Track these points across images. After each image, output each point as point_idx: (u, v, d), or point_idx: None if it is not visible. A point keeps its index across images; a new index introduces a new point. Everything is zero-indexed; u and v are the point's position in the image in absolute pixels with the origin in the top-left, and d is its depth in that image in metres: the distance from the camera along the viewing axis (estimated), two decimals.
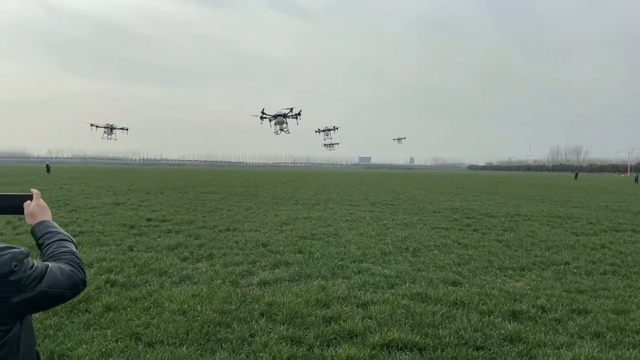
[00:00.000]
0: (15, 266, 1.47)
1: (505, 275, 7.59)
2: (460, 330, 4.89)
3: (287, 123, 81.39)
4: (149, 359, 4.07)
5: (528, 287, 6.81)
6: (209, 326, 4.89)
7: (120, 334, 4.64)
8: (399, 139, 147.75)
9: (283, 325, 5.01)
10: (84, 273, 1.70)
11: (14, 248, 1.53)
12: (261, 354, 4.26)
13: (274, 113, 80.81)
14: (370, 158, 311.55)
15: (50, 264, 1.60)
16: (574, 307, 5.82)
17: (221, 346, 4.49)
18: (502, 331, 4.92)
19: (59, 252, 1.70)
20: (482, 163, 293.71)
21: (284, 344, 4.50)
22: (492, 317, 5.37)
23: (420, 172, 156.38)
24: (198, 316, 5.16)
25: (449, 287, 6.61)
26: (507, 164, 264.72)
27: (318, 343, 4.55)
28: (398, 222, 13.82)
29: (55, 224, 1.82)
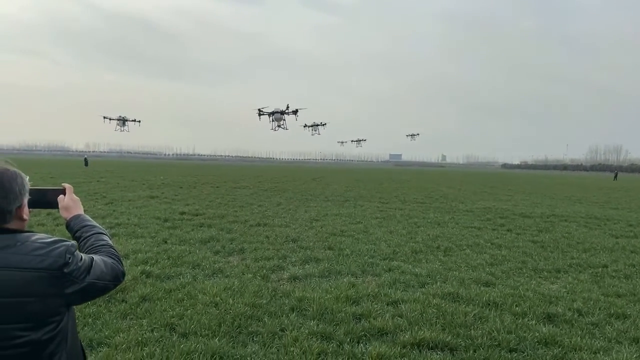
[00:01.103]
0: (69, 258, 1.54)
1: (540, 277, 7.42)
2: (493, 331, 4.81)
3: (285, 120, 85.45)
4: (183, 349, 4.16)
5: (564, 290, 6.64)
6: (240, 319, 4.97)
7: (156, 324, 4.77)
8: (412, 135, 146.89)
9: (313, 320, 5.04)
10: (123, 265, 1.76)
11: (65, 241, 1.59)
12: (292, 348, 4.30)
13: (272, 110, 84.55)
14: (401, 155, 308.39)
15: (94, 257, 1.66)
16: (612, 312, 5.64)
17: (252, 339, 4.56)
18: (537, 334, 4.82)
19: (98, 245, 1.76)
20: (516, 162, 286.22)
21: (314, 339, 4.53)
22: (526, 320, 5.26)
23: (452, 170, 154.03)
24: (230, 309, 5.24)
25: (482, 288, 6.51)
26: (543, 163, 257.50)
27: (348, 339, 4.56)
28: (429, 221, 13.67)
29: (89, 217, 1.88)
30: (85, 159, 62.41)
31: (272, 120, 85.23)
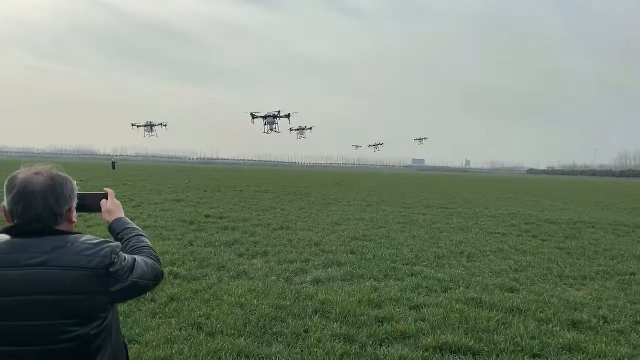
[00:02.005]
0: (114, 259, 1.63)
1: (565, 284, 7.34)
2: (517, 337, 4.81)
3: (277, 123, 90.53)
4: (210, 347, 4.30)
5: (590, 297, 6.56)
6: (265, 320, 5.08)
7: (184, 323, 4.93)
8: (420, 139, 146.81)
9: (336, 323, 5.12)
10: (162, 265, 1.86)
11: (111, 242, 1.70)
12: (315, 349, 4.39)
13: (264, 114, 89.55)
14: (424, 160, 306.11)
15: (136, 257, 1.75)
16: (639, 319, 5.56)
17: (277, 340, 4.66)
18: (561, 340, 4.79)
19: (139, 247, 1.85)
20: (543, 167, 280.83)
21: (337, 340, 4.61)
22: (550, 326, 5.23)
23: (476, 175, 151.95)
24: (255, 310, 5.37)
25: (506, 294, 6.48)
26: (571, 169, 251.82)
27: (371, 342, 4.63)
28: (453, 226, 13.60)
29: (130, 220, 1.98)
30: (113, 162, 63.80)
31: (266, 124, 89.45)
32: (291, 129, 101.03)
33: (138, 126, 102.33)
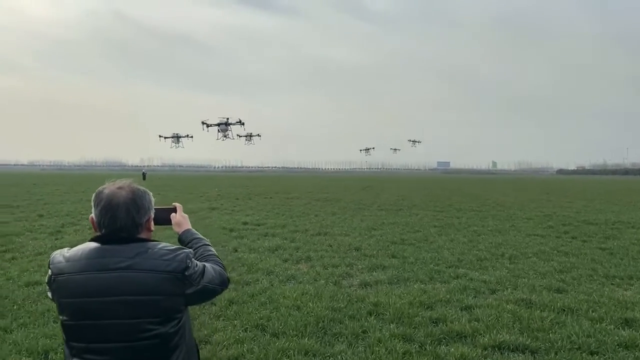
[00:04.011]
0: (189, 263, 1.81)
1: (612, 284, 7.34)
2: (572, 335, 4.89)
3: (230, 130, 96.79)
4: (278, 346, 4.53)
5: (639, 296, 6.56)
6: (323, 321, 5.30)
7: (247, 325, 5.18)
8: (413, 142, 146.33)
9: (392, 323, 5.29)
10: (227, 272, 2.03)
11: (185, 249, 1.89)
12: (377, 348, 4.57)
13: (217, 122, 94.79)
14: (449, 163, 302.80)
15: (205, 264, 1.92)
16: None
17: (337, 339, 4.86)
18: (616, 337, 4.86)
19: (207, 255, 2.03)
20: (572, 167, 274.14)
21: (396, 340, 4.79)
22: (603, 324, 5.30)
23: (504, 177, 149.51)
24: (312, 312, 5.59)
25: (554, 294, 6.54)
26: (602, 168, 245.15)
27: (429, 341, 4.78)
28: (489, 229, 13.59)
29: (197, 231, 2.16)
30: (144, 173, 65.24)
31: (219, 131, 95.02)
32: (239, 135, 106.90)
33: (165, 137, 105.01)
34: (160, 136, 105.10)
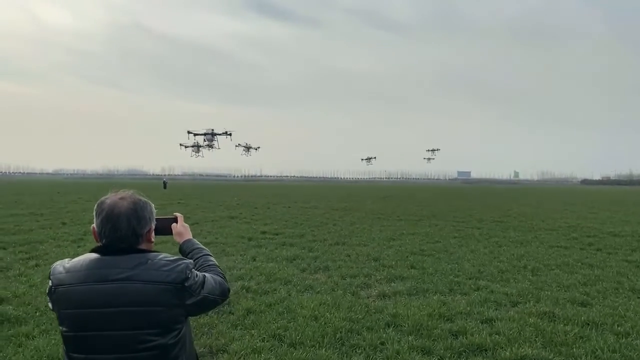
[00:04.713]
0: (188, 274, 1.81)
1: (638, 298, 7.12)
2: (597, 350, 4.76)
3: (217, 140, 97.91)
4: (295, 357, 4.51)
5: None
6: (341, 332, 5.25)
7: (264, 334, 5.17)
8: (368, 159, 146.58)
9: (410, 335, 5.22)
10: (228, 282, 2.02)
11: (185, 259, 1.88)
12: None
13: (203, 131, 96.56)
14: (469, 172, 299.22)
15: (206, 274, 1.92)
16: None
17: (355, 351, 4.82)
18: None
19: (207, 265, 2.03)
20: (597, 177, 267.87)
21: (414, 353, 4.72)
22: (629, 339, 5.14)
23: (526, 187, 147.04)
24: (329, 322, 5.55)
25: (578, 308, 6.38)
26: (628, 178, 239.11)
27: (448, 354, 4.70)
28: (511, 240, 13.35)
29: (198, 242, 2.16)
30: (164, 181, 66.04)
31: (205, 140, 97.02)
32: (237, 145, 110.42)
33: (186, 146, 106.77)
34: (181, 145, 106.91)
